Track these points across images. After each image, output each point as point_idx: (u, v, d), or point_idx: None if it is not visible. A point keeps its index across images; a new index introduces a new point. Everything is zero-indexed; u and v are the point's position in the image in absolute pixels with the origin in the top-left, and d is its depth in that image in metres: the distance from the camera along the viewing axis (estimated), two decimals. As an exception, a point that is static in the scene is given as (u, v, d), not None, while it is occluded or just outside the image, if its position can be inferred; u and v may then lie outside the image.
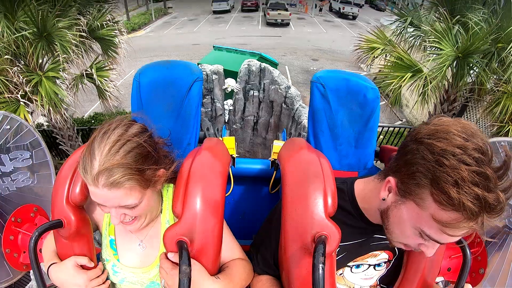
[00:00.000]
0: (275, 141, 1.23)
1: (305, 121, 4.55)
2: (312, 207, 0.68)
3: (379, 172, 0.75)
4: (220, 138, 1.20)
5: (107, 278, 0.84)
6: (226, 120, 5.41)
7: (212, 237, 0.72)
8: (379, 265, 0.84)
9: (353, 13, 21.56)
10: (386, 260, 0.84)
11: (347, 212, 0.78)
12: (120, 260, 0.84)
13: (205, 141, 0.93)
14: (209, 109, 5.24)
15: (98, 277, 0.78)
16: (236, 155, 1.22)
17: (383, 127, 6.31)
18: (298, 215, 0.69)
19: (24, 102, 3.56)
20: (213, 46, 7.46)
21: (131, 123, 0.72)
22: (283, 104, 5.04)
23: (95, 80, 4.20)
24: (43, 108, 3.61)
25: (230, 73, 5.40)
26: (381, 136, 6.48)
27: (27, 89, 3.49)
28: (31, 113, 4.69)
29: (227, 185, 0.91)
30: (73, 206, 0.75)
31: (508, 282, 0.95)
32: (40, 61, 3.70)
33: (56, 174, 0.82)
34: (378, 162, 1.11)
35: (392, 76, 4.07)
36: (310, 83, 1.08)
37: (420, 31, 4.25)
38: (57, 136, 4.98)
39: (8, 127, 1.12)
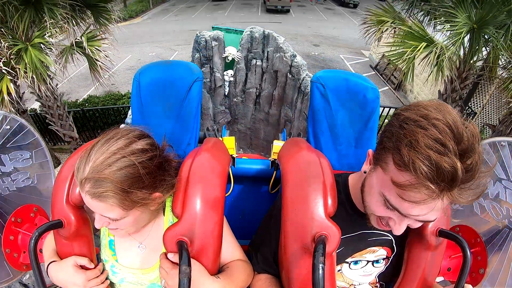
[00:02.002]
0: (275, 141, 1.24)
1: (313, 91, 4.32)
2: (312, 207, 0.68)
3: None
4: (220, 138, 1.20)
5: (106, 278, 0.84)
6: (226, 93, 5.01)
7: (212, 237, 0.72)
8: (377, 261, 0.84)
9: (354, 1, 21.67)
10: (385, 257, 0.84)
11: (341, 204, 0.78)
12: (118, 260, 0.84)
13: (205, 141, 0.93)
14: (208, 80, 4.84)
15: (97, 277, 0.78)
16: (236, 155, 1.21)
17: (390, 107, 6.21)
18: (298, 215, 0.69)
19: (6, 71, 3.40)
20: (212, 27, 7.08)
21: (139, 137, 0.69)
22: (288, 74, 4.65)
23: (85, 49, 4.03)
24: (26, 75, 3.44)
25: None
26: (386, 120, 6.41)
27: (10, 56, 3.34)
28: (22, 95, 4.53)
29: (227, 185, 0.91)
30: (73, 206, 0.76)
31: (508, 282, 0.95)
32: (29, 33, 3.56)
33: (56, 174, 0.82)
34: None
35: (405, 45, 3.93)
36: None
37: (430, 5, 4.13)
38: (47, 116, 4.79)
39: (8, 127, 1.12)
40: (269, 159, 1.27)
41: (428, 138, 0.52)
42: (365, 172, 0.71)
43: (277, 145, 1.19)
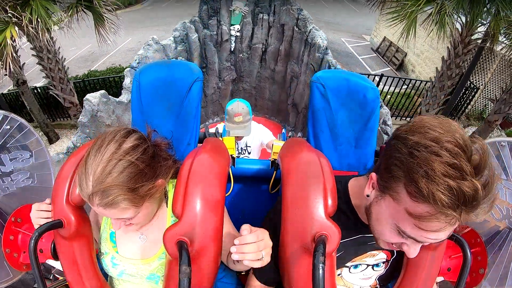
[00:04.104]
0: (274, 141, 1.23)
1: (320, 41, 4.36)
2: (312, 207, 0.68)
3: (369, 170, 0.75)
4: (220, 138, 1.20)
5: (107, 275, 0.84)
6: (232, 49, 5.07)
7: (212, 237, 0.72)
8: (377, 265, 0.84)
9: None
10: (385, 260, 0.84)
11: (340, 210, 0.77)
12: (119, 252, 0.85)
13: (205, 141, 0.93)
14: (215, 33, 4.93)
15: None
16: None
17: (393, 78, 6.20)
18: (298, 215, 0.69)
19: (12, 14, 3.56)
20: None
21: (126, 135, 0.70)
22: (295, 27, 4.71)
23: (92, 1, 4.14)
24: (31, 23, 3.59)
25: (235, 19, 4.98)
26: (388, 96, 6.43)
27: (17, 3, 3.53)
28: (22, 66, 4.70)
29: (227, 184, 0.91)
30: (73, 206, 0.76)
31: (508, 282, 0.95)
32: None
33: (56, 174, 0.82)
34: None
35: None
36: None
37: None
38: (48, 77, 4.88)
39: (8, 127, 1.12)
40: (269, 159, 1.27)
41: (444, 165, 0.50)
42: (368, 196, 0.68)
43: (277, 145, 1.19)
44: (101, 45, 4.75)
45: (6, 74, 4.23)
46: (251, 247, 0.63)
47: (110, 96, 3.62)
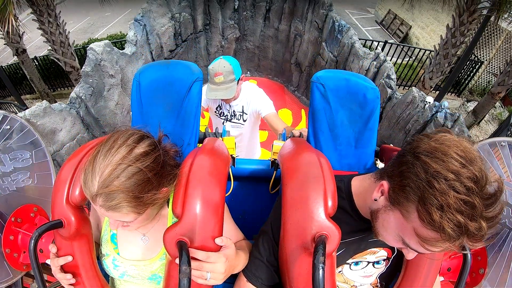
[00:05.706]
0: (275, 141, 1.24)
1: (324, -3, 4.33)
2: (312, 207, 0.68)
3: (376, 171, 0.75)
4: (220, 138, 1.20)
5: (107, 274, 0.84)
6: (236, 7, 5.09)
7: (212, 238, 0.72)
8: (378, 262, 0.84)
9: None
10: (385, 258, 0.84)
11: (343, 209, 0.78)
12: (120, 253, 0.85)
13: (205, 141, 0.93)
14: None
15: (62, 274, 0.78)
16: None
17: (397, 45, 6.20)
18: (298, 215, 0.69)
19: None
20: None
21: (139, 140, 0.70)
22: None
23: None
24: None
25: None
26: (390, 59, 6.50)
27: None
28: (22, 35, 4.80)
29: (227, 184, 0.91)
30: (73, 206, 0.76)
31: (508, 282, 0.94)
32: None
33: (56, 174, 0.82)
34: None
35: None
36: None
37: None
38: (49, 42, 4.93)
39: (8, 127, 1.12)
40: (269, 159, 1.27)
41: (459, 201, 0.52)
42: (375, 200, 0.69)
43: (277, 145, 1.19)
44: (103, 7, 4.74)
45: (6, 43, 4.15)
46: (195, 264, 0.67)
47: (114, 47, 3.60)
